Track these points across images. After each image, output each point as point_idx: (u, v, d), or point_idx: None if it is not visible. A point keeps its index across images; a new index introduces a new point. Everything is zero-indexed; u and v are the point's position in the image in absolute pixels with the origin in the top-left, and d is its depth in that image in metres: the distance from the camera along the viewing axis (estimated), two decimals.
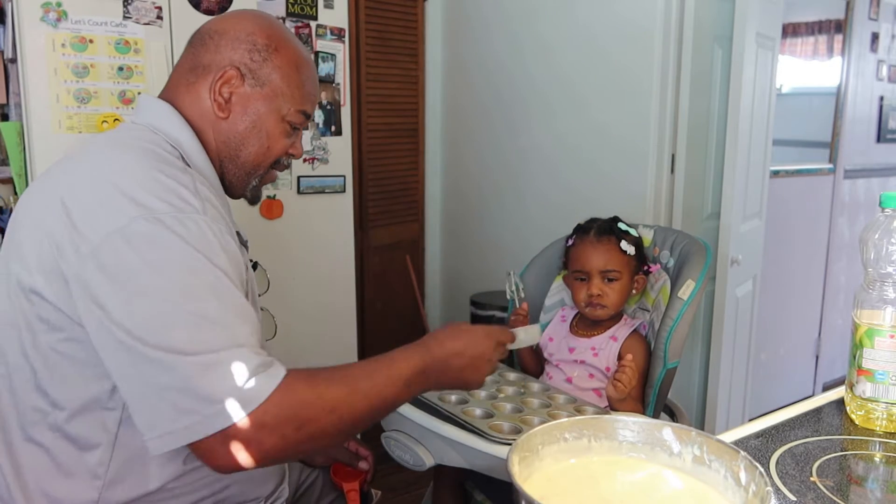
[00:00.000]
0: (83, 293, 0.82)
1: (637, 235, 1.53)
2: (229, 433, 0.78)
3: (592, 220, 1.57)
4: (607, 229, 1.51)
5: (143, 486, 0.92)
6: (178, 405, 0.78)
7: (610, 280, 1.48)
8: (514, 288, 1.54)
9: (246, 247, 1.09)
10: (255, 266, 1.15)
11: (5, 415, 0.93)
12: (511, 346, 1.12)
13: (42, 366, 0.89)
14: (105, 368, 0.86)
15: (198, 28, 1.06)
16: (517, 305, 1.58)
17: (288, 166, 1.12)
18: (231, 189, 1.07)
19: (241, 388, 0.78)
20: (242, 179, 1.06)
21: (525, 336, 1.16)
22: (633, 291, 1.53)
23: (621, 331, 1.50)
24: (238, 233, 1.02)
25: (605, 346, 1.49)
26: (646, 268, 1.55)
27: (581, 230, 1.56)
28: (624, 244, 1.48)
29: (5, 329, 0.91)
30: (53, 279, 0.85)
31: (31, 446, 0.92)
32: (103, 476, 0.91)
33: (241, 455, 0.79)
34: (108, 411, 0.90)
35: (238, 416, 0.78)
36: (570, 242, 1.57)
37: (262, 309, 1.16)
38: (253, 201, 1.12)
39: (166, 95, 1.03)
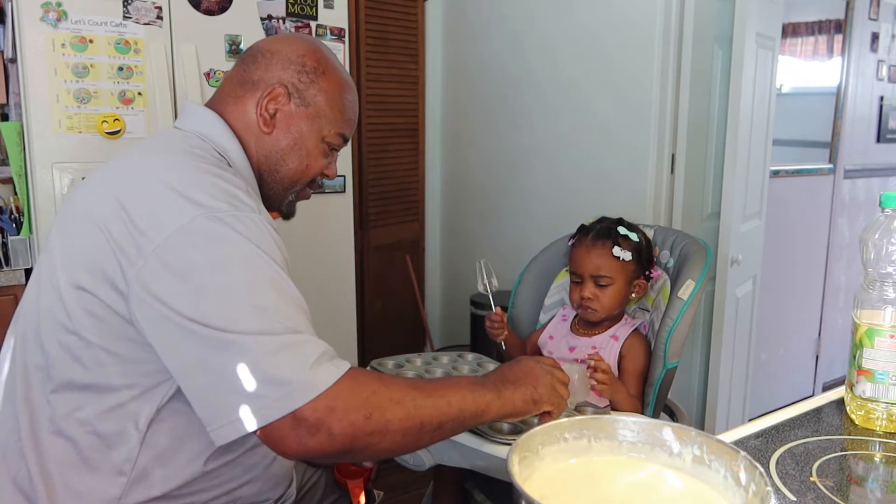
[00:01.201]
0: (143, 291, 0.84)
1: (638, 240, 1.51)
2: (299, 416, 0.79)
3: (599, 221, 1.56)
4: (605, 233, 1.50)
5: (163, 484, 0.93)
6: (246, 390, 0.80)
7: (601, 285, 1.48)
8: (485, 281, 1.48)
9: None
10: None
11: (35, 405, 0.94)
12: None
13: (80, 360, 0.90)
14: (147, 367, 0.88)
15: (250, 45, 1.12)
16: (489, 297, 1.51)
17: (321, 186, 1.18)
18: (267, 202, 1.11)
19: (309, 372, 0.80)
20: (279, 194, 1.11)
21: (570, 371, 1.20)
22: (633, 295, 1.52)
23: (622, 330, 1.50)
24: None
25: (606, 345, 1.49)
26: (648, 272, 1.53)
27: (582, 231, 1.55)
28: (617, 250, 1.46)
29: (47, 322, 0.93)
30: (101, 277, 0.87)
31: (58, 439, 0.92)
32: (129, 473, 0.92)
33: (312, 440, 0.80)
34: (140, 409, 0.91)
35: (306, 398, 0.79)
36: (571, 242, 1.57)
37: None
38: (287, 216, 1.16)
39: (213, 105, 1.07)
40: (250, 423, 0.80)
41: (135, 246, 0.85)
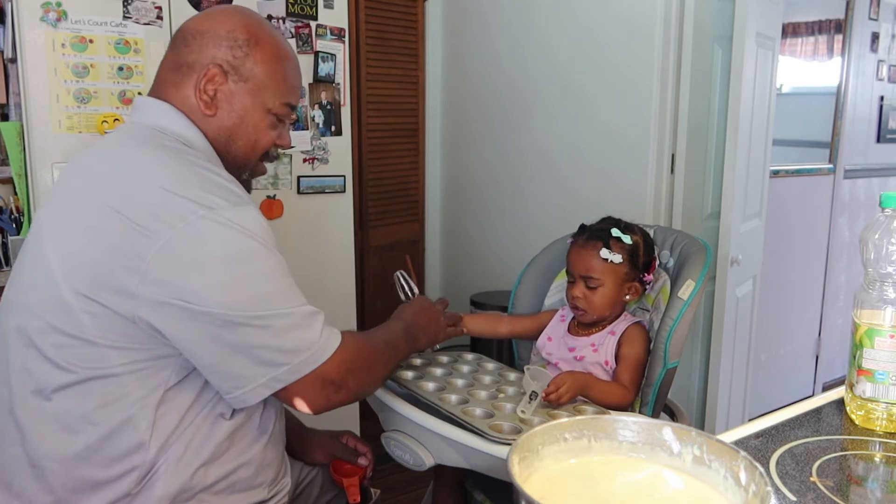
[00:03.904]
0: (158, 290, 0.87)
1: (631, 243, 1.49)
2: (326, 378, 0.97)
3: (601, 221, 1.56)
4: (597, 235, 1.49)
5: (175, 472, 0.96)
6: (267, 359, 0.92)
7: (591, 286, 1.47)
8: (407, 292, 1.49)
9: None
10: None
11: (32, 407, 0.95)
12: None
13: (79, 359, 0.92)
14: (146, 355, 0.92)
15: (179, 27, 1.09)
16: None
17: (277, 157, 1.18)
18: None
19: (321, 338, 0.96)
20: (233, 174, 1.08)
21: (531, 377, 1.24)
22: (627, 297, 1.51)
23: (620, 325, 1.50)
24: None
25: (605, 341, 1.48)
26: (643, 276, 1.52)
27: (580, 230, 1.55)
28: (605, 252, 1.45)
29: (38, 324, 0.93)
30: (104, 283, 0.89)
31: (64, 436, 0.94)
32: (139, 464, 0.94)
33: (336, 396, 0.99)
34: (145, 397, 0.93)
35: (322, 359, 0.96)
36: (570, 241, 1.57)
37: None
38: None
39: (157, 94, 1.05)
40: (268, 387, 0.94)
41: (140, 248, 0.87)
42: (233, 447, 1.01)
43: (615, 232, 1.48)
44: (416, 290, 1.52)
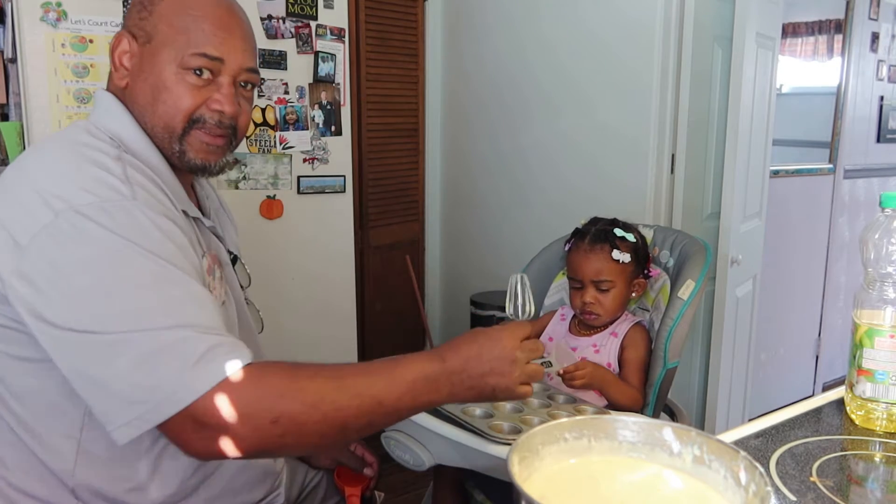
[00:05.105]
0: (19, 299, 0.80)
1: (635, 240, 1.50)
2: (200, 420, 0.75)
3: (592, 223, 1.56)
4: (602, 236, 1.49)
5: (111, 488, 0.91)
6: (126, 396, 0.75)
7: (602, 290, 1.47)
8: (516, 302, 1.20)
9: (215, 234, 1.06)
10: (234, 260, 1.13)
11: None
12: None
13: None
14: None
15: None
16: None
17: (223, 127, 0.98)
18: (181, 165, 0.99)
19: (190, 372, 0.75)
20: (168, 149, 0.97)
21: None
22: (633, 294, 1.52)
23: (622, 326, 1.50)
24: (198, 218, 0.99)
25: (606, 343, 1.49)
26: (646, 271, 1.53)
27: (578, 235, 1.55)
28: (616, 253, 1.46)
29: None
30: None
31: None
32: (70, 485, 0.90)
33: (217, 444, 0.76)
34: (69, 414, 0.88)
35: (185, 401, 0.74)
36: (567, 247, 1.57)
37: (247, 302, 1.15)
38: (199, 170, 1.00)
39: (107, 84, 1.01)
40: (133, 428, 0.76)
41: (7, 256, 0.80)
42: (205, 481, 0.96)
43: (619, 232, 1.49)
44: (529, 308, 1.17)
